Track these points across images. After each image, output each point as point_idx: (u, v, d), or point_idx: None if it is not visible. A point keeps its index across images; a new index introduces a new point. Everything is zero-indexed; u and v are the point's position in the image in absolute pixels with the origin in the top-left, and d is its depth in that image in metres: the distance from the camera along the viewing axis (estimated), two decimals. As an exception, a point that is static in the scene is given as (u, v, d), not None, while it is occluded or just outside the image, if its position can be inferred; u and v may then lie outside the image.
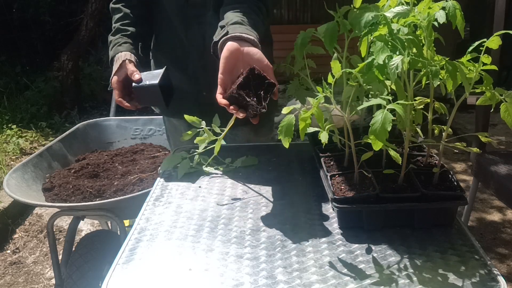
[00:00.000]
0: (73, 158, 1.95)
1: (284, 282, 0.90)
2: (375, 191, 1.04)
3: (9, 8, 5.76)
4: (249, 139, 1.77)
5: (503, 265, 2.60)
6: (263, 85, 1.11)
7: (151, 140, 2.12)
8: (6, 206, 3.13)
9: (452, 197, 1.05)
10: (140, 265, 0.97)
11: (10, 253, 2.85)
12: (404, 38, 0.95)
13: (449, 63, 0.95)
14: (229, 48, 1.16)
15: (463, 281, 0.88)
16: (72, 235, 1.73)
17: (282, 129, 1.00)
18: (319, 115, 1.01)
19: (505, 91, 0.98)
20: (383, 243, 1.01)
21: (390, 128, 0.89)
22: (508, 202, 2.06)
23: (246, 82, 1.10)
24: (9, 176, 1.60)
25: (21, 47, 6.00)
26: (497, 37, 0.95)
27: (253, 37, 1.20)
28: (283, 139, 1.01)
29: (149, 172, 1.78)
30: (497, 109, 0.99)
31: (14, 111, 4.80)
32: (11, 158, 3.87)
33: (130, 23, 1.59)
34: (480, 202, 3.21)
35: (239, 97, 1.10)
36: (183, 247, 1.02)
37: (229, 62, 1.16)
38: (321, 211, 1.15)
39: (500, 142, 4.13)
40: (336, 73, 1.04)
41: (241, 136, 1.77)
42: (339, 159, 1.24)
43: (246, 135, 1.77)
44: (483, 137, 1.09)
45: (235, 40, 1.18)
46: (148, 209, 1.19)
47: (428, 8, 0.98)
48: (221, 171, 1.39)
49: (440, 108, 1.14)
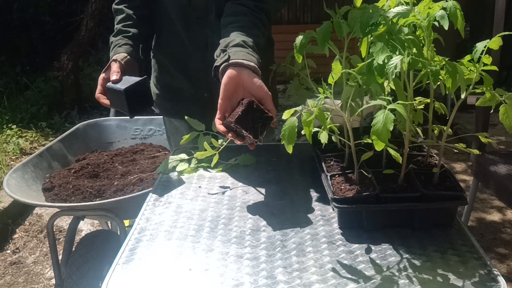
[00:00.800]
0: (73, 158, 1.95)
1: (284, 282, 0.90)
2: (375, 191, 1.04)
3: (9, 8, 5.76)
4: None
5: (503, 265, 2.60)
6: (261, 118, 1.14)
7: (151, 140, 2.12)
8: (6, 206, 3.13)
9: (452, 197, 1.05)
10: (140, 265, 0.97)
11: (10, 253, 2.85)
12: (404, 38, 0.95)
13: (449, 64, 0.95)
14: (229, 76, 1.18)
15: (463, 281, 0.88)
16: (72, 235, 1.73)
17: (285, 133, 0.99)
18: (322, 118, 1.01)
19: (505, 92, 0.98)
20: (383, 243, 1.01)
21: (392, 128, 0.89)
22: (508, 202, 2.06)
23: (244, 115, 1.12)
24: (9, 176, 1.60)
25: (21, 47, 6.00)
26: (498, 37, 0.95)
27: (254, 63, 1.21)
28: (286, 145, 1.00)
29: (149, 172, 1.78)
30: (497, 110, 0.99)
31: (14, 111, 4.81)
32: (11, 158, 3.87)
33: (132, 25, 1.60)
34: (480, 202, 3.21)
35: (236, 129, 1.13)
36: (183, 247, 1.02)
37: (229, 88, 1.18)
38: (321, 211, 1.15)
39: (500, 142, 4.14)
40: (336, 73, 1.04)
41: None
42: (339, 159, 1.24)
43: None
44: (483, 137, 1.09)
45: (235, 67, 1.19)
46: (148, 209, 1.19)
47: (428, 8, 0.99)
48: (219, 171, 1.39)
49: (440, 108, 1.14)
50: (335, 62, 1.06)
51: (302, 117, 0.98)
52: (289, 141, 0.99)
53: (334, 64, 1.06)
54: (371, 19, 0.98)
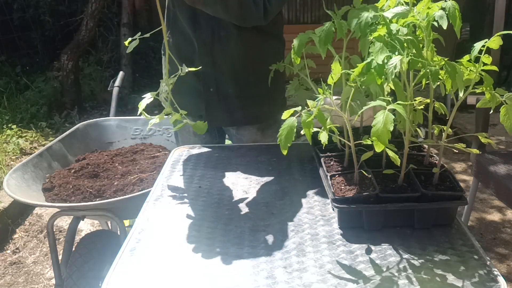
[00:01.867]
0: (73, 158, 1.95)
1: (284, 282, 0.90)
2: (375, 191, 1.04)
3: (9, 8, 5.75)
4: (256, 139, 1.78)
5: (503, 265, 2.59)
6: None
7: (151, 140, 2.12)
8: (6, 206, 3.12)
9: (452, 197, 1.05)
10: (140, 265, 0.97)
11: (10, 253, 2.85)
12: (403, 39, 0.95)
13: (448, 64, 0.95)
14: None
15: (463, 281, 0.88)
16: (72, 235, 1.73)
17: (283, 132, 0.97)
18: (322, 118, 1.01)
19: (506, 92, 0.98)
20: (383, 243, 1.01)
21: (392, 128, 0.89)
22: (508, 202, 2.06)
23: None
24: (9, 176, 1.60)
25: (21, 47, 5.99)
26: (498, 37, 0.95)
27: None
28: (282, 146, 0.97)
29: (149, 172, 1.78)
30: (497, 110, 0.99)
31: (14, 111, 4.80)
32: (11, 158, 3.87)
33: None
34: (480, 202, 3.21)
35: None
36: (183, 247, 1.02)
37: None
38: (321, 211, 1.15)
39: (500, 142, 4.13)
40: (335, 74, 1.04)
41: (248, 137, 1.78)
42: (339, 159, 1.24)
43: (253, 136, 1.78)
44: (483, 137, 1.09)
45: None
46: (148, 209, 1.19)
47: (427, 8, 0.98)
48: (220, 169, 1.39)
49: (440, 108, 1.14)
50: (335, 63, 1.06)
51: (302, 117, 0.98)
52: (286, 142, 0.97)
53: (333, 65, 1.06)
54: (370, 20, 0.98)
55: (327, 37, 1.06)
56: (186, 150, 1.56)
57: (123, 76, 2.43)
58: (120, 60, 5.61)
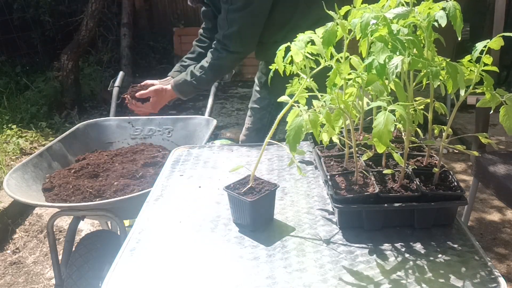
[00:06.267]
0: (73, 158, 1.95)
1: (284, 282, 0.90)
2: (375, 191, 1.04)
3: (9, 8, 5.75)
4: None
5: (503, 265, 2.59)
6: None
7: (151, 140, 2.12)
8: (6, 206, 3.12)
9: (452, 197, 1.05)
10: (140, 265, 0.97)
11: (10, 253, 2.85)
12: (404, 39, 0.95)
13: (449, 65, 0.95)
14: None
15: (463, 282, 0.88)
16: (72, 235, 1.73)
17: (291, 133, 0.96)
18: (329, 119, 1.01)
19: (506, 93, 0.98)
20: (383, 243, 1.01)
21: (393, 129, 0.88)
22: (508, 202, 2.06)
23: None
24: (9, 176, 1.60)
25: (21, 47, 5.99)
26: (499, 38, 0.95)
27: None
28: (291, 146, 0.96)
29: (149, 172, 1.78)
30: (497, 110, 0.99)
31: (14, 111, 4.80)
32: (11, 158, 3.86)
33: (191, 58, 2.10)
34: (480, 202, 3.21)
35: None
36: (183, 247, 1.02)
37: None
38: (321, 211, 1.15)
39: (500, 142, 4.13)
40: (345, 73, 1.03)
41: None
42: (339, 159, 1.24)
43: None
44: (483, 138, 1.09)
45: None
46: (148, 209, 1.19)
47: (428, 8, 0.98)
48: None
49: (440, 108, 1.14)
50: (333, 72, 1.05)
51: (310, 117, 0.97)
52: (294, 142, 0.96)
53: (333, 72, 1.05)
54: (370, 21, 0.98)
55: (330, 37, 1.06)
56: (186, 150, 1.57)
57: (123, 76, 2.42)
58: (120, 60, 5.61)
